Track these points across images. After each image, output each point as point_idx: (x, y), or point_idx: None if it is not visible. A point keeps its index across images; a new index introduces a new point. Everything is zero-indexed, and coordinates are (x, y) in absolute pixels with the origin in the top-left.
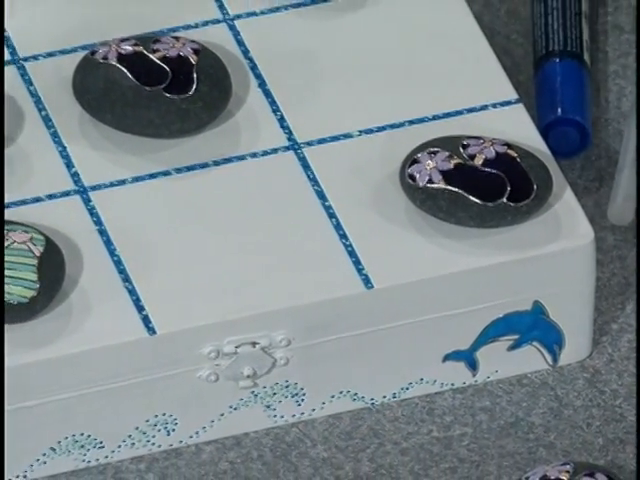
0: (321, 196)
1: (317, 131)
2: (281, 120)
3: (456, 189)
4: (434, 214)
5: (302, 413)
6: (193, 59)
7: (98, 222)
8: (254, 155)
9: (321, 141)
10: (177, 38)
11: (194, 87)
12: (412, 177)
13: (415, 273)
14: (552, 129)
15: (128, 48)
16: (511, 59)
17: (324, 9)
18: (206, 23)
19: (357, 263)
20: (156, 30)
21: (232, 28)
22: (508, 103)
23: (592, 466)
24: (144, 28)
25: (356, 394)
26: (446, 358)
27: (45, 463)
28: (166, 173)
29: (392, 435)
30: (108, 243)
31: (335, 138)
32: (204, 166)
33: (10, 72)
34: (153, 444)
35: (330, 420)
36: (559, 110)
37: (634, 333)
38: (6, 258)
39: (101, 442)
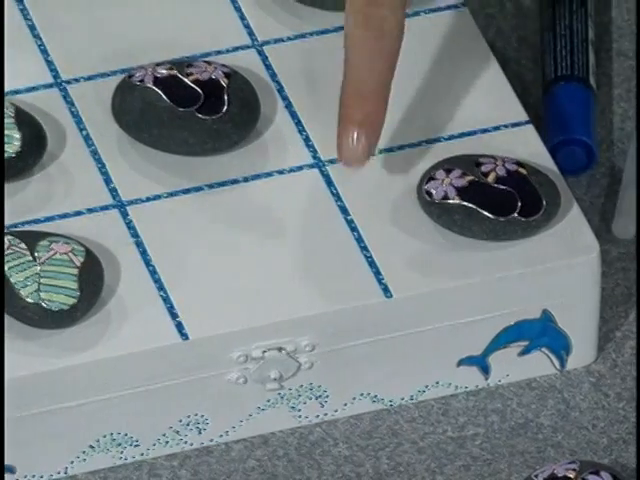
0: (343, 210)
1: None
2: (306, 139)
3: (470, 204)
4: (449, 228)
5: (325, 414)
6: (224, 82)
7: (135, 234)
8: (281, 172)
9: None
10: (209, 62)
11: (225, 108)
12: (429, 193)
13: (432, 283)
14: (560, 148)
15: (163, 72)
16: (522, 83)
17: None
18: (236, 49)
19: (377, 273)
20: (189, 55)
21: (261, 53)
22: (519, 124)
23: (597, 465)
24: (178, 53)
25: (376, 396)
26: (460, 363)
27: (85, 460)
28: (199, 189)
29: (409, 435)
30: (144, 254)
31: None
32: (234, 182)
33: (53, 94)
34: (186, 442)
35: (351, 420)
36: (567, 131)
37: (636, 340)
38: (49, 268)
39: (137, 440)
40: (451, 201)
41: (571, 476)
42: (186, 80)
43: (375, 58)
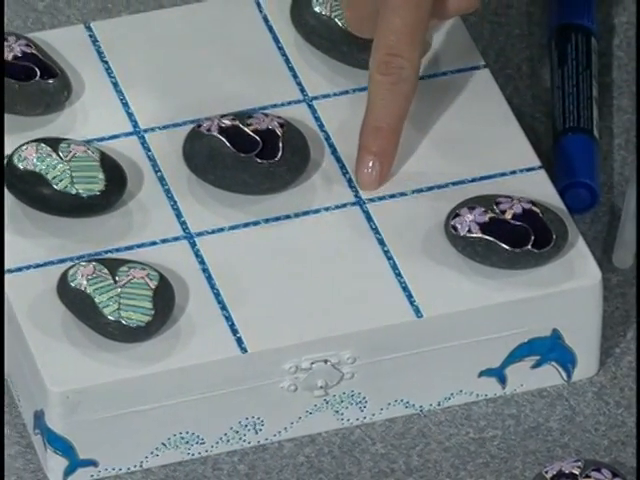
0: (381, 242)
1: (378, 190)
2: (349, 181)
3: (490, 238)
4: (472, 258)
5: (364, 417)
6: (279, 131)
7: (202, 262)
8: (327, 209)
9: (381, 198)
10: (266, 114)
11: (280, 154)
12: (455, 228)
13: (457, 305)
14: (568, 190)
15: (227, 122)
16: (535, 134)
17: None
18: (290, 103)
19: (409, 296)
20: (250, 108)
21: (311, 107)
22: (532, 169)
23: (599, 463)
24: (240, 106)
25: (408, 402)
26: (481, 374)
27: (158, 455)
28: (256, 223)
29: (437, 436)
30: (209, 278)
31: (393, 196)
32: (287, 217)
33: (133, 141)
34: (244, 441)
35: (387, 423)
36: (573, 175)
37: (633, 355)
38: (127, 290)
39: (202, 439)
40: (474, 235)
41: (576, 472)
42: (246, 130)
43: (392, 100)
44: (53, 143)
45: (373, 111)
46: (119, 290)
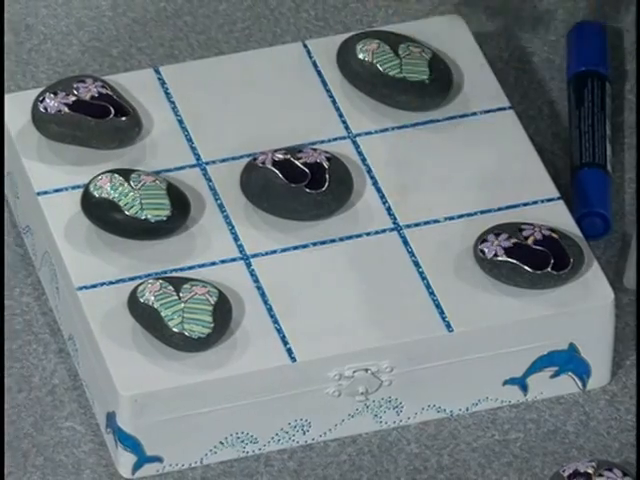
0: (416, 264)
1: (414, 217)
2: (388, 209)
3: (514, 261)
4: (498, 279)
5: (400, 420)
6: (326, 164)
7: (256, 280)
8: (368, 234)
9: (417, 224)
10: (315, 149)
11: (326, 185)
12: (482, 252)
13: (484, 321)
14: (584, 219)
15: (280, 156)
16: (555, 168)
17: (420, 131)
18: (335, 139)
19: (441, 313)
20: (300, 143)
21: (354, 143)
22: (552, 200)
23: (611, 463)
24: (291, 142)
25: (440, 407)
26: (505, 383)
27: (216, 453)
28: (305, 246)
29: (465, 437)
30: (263, 295)
31: (427, 222)
32: (332, 241)
33: (196, 173)
34: (293, 440)
35: (420, 426)
36: (589, 205)
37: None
38: (190, 305)
39: (256, 438)
40: (499, 258)
41: (590, 472)
42: (297, 163)
43: None
44: (125, 173)
45: None
46: (183, 305)
